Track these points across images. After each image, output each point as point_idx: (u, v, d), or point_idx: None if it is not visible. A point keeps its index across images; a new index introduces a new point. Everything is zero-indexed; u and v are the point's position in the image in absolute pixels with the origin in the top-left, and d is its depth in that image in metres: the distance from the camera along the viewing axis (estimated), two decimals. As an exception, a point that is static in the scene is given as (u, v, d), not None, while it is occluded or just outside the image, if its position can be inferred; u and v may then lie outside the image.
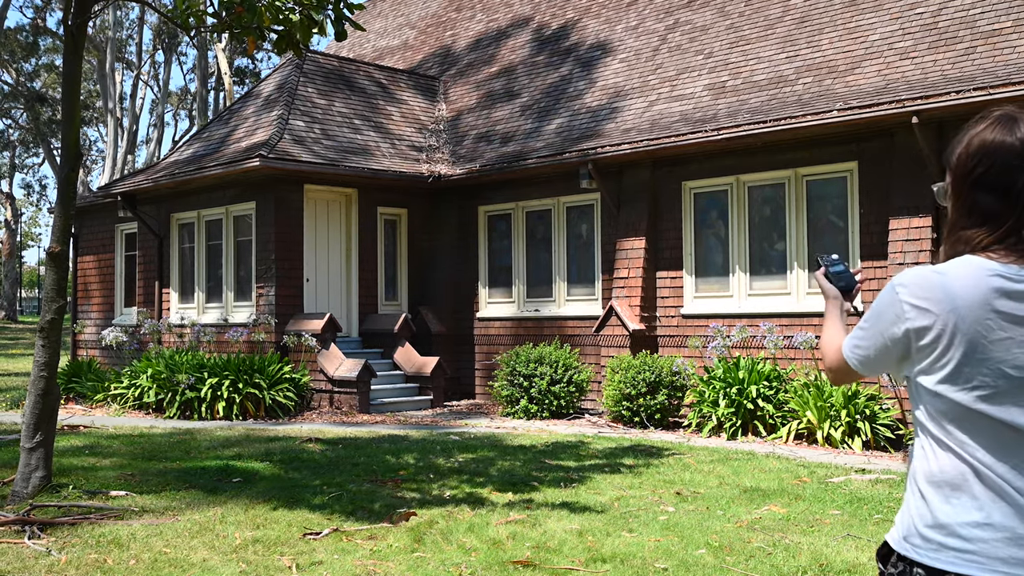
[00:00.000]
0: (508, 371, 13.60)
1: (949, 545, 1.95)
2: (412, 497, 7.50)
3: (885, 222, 11.25)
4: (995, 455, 1.95)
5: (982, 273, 1.98)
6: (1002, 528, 1.92)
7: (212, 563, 5.63)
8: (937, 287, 1.98)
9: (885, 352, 2.08)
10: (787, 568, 5.45)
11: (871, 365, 2.13)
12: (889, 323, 2.04)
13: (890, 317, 2.04)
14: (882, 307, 2.07)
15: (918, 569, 1.98)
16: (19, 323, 48.95)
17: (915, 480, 2.05)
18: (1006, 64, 10.67)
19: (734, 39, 14.37)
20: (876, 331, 2.08)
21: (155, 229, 16.82)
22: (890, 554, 2.06)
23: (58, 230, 7.66)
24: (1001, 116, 2.07)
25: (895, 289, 2.03)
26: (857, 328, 2.16)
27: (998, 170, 2.02)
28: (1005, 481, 1.94)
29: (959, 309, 1.95)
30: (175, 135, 57.63)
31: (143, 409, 14.09)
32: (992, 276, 1.97)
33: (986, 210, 2.03)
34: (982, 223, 2.03)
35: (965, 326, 1.95)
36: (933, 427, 2.02)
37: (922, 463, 2.04)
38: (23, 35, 44.82)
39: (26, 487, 7.26)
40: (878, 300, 2.09)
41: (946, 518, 1.96)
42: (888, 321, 2.05)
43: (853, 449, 10.12)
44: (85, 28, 7.74)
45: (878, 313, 2.08)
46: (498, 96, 17.45)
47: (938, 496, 1.99)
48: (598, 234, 14.41)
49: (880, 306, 2.08)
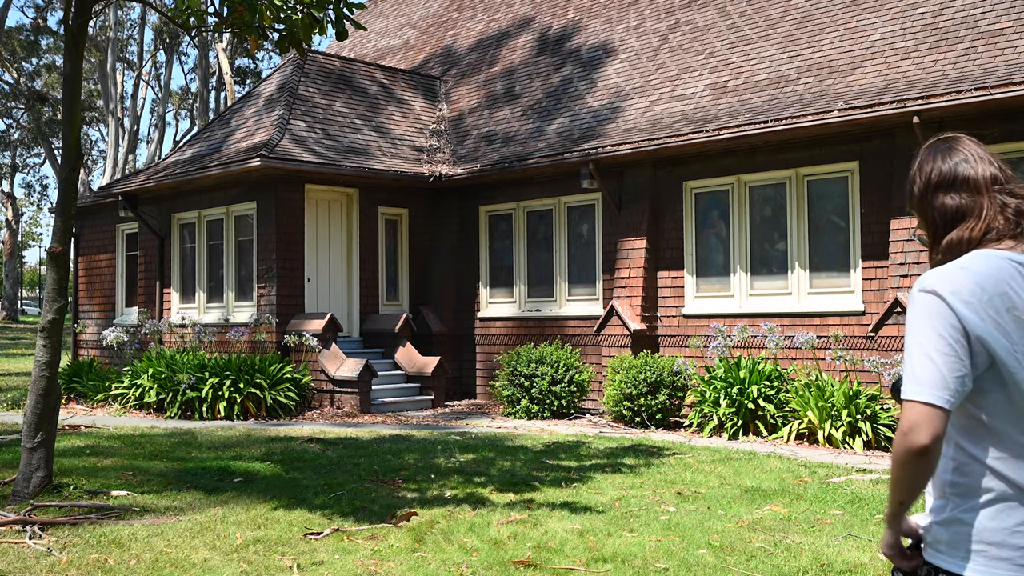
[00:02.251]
0: (509, 371, 13.60)
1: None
2: (413, 497, 7.50)
3: (886, 222, 11.25)
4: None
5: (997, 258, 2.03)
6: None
7: (213, 563, 5.62)
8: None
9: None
10: (788, 568, 5.45)
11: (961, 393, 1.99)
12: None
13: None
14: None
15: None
16: (20, 323, 48.99)
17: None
18: (1007, 64, 10.67)
19: (735, 39, 14.37)
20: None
21: (156, 229, 16.83)
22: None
23: (59, 230, 7.66)
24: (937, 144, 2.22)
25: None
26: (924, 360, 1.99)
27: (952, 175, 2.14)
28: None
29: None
30: (176, 135, 57.67)
31: (144, 409, 14.10)
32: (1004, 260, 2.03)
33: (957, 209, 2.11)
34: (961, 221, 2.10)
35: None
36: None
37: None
38: (24, 35, 44.85)
39: (27, 487, 7.26)
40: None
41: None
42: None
43: (854, 449, 10.12)
44: (86, 28, 7.74)
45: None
46: (499, 96, 17.45)
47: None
48: (599, 234, 14.41)
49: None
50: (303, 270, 15.05)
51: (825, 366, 11.43)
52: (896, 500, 2.02)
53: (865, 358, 10.93)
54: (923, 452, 1.93)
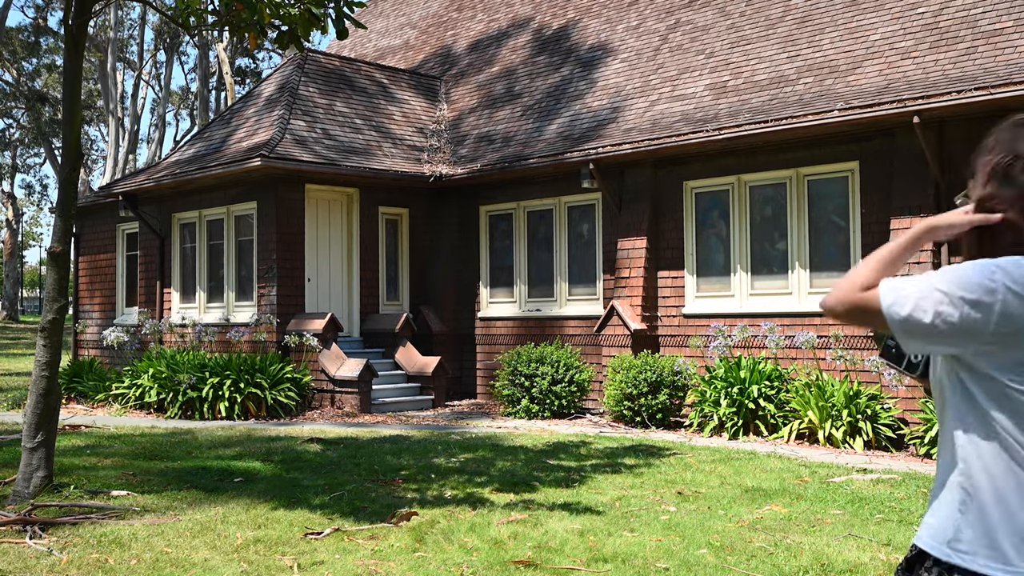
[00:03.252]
0: (509, 371, 13.60)
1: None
2: (413, 497, 7.50)
3: (886, 222, 11.25)
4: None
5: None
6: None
7: (213, 563, 5.63)
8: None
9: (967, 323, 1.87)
10: (788, 568, 5.45)
11: (923, 331, 1.90)
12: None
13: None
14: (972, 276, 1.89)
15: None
16: (20, 323, 49.00)
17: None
18: (1007, 64, 10.66)
19: (735, 39, 14.37)
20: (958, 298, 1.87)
21: (156, 229, 16.83)
22: None
23: (59, 230, 7.66)
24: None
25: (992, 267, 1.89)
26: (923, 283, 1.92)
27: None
28: None
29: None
30: (176, 135, 57.68)
31: (144, 409, 14.10)
32: None
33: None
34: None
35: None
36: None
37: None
38: (24, 35, 44.85)
39: (27, 487, 7.26)
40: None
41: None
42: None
43: (854, 449, 10.12)
44: (86, 28, 7.74)
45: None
46: (499, 96, 17.45)
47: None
48: (599, 234, 14.41)
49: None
50: (303, 270, 15.05)
51: (825, 366, 11.43)
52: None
53: (865, 358, 10.93)
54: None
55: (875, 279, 1.99)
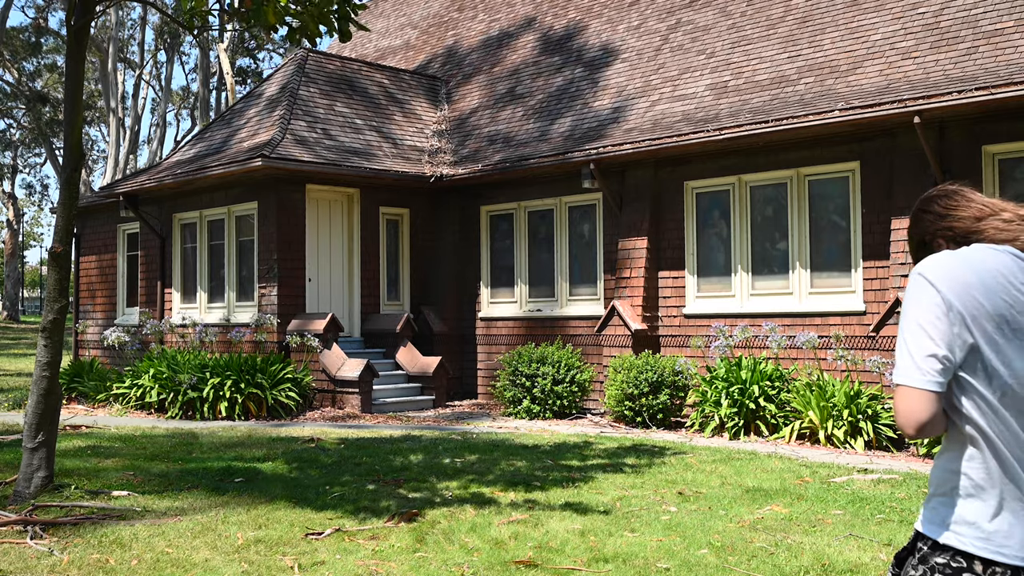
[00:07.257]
0: (510, 371, 13.60)
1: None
2: (414, 497, 7.50)
3: (887, 222, 11.24)
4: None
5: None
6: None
7: (214, 563, 5.63)
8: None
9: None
10: (789, 568, 5.45)
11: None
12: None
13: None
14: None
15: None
16: (21, 323, 49.03)
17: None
18: (1008, 64, 10.66)
19: (736, 39, 14.37)
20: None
21: (157, 229, 16.83)
22: None
23: (60, 230, 7.67)
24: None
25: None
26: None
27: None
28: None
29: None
30: (177, 135, 57.69)
31: (145, 409, 14.10)
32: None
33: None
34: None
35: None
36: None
37: None
38: (25, 35, 44.86)
39: (28, 487, 7.27)
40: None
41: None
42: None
43: (855, 449, 10.12)
44: (88, 28, 7.75)
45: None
46: (500, 97, 17.46)
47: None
48: (600, 234, 14.41)
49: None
50: (304, 270, 15.05)
51: (826, 366, 11.43)
52: None
53: (866, 358, 10.93)
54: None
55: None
